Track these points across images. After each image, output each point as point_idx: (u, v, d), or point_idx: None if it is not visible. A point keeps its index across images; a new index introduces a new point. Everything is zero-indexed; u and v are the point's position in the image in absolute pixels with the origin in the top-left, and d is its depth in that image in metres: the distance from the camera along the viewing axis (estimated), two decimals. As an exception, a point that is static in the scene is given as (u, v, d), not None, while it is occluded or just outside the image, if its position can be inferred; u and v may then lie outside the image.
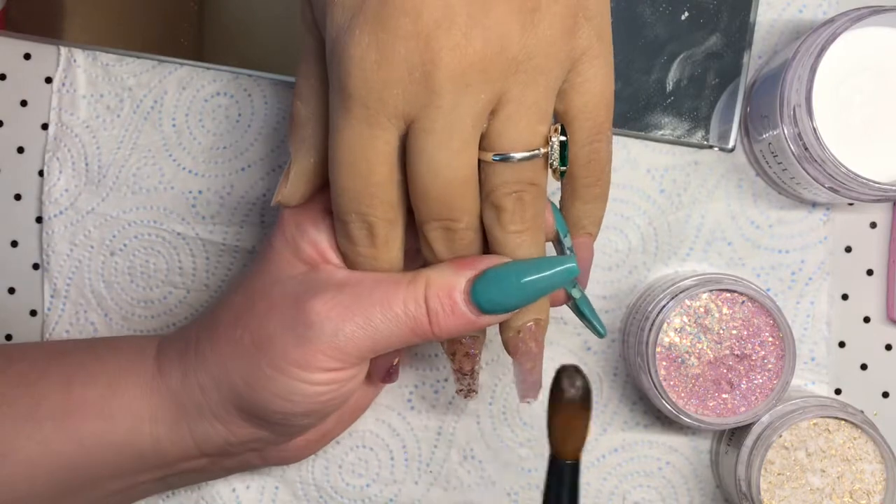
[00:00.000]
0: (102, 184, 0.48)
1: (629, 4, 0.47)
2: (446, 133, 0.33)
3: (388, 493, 0.49)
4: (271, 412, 0.38)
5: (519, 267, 0.36)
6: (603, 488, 0.49)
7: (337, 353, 0.36)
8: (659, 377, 0.44)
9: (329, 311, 0.36)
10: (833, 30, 0.42)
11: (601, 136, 0.37)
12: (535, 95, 0.34)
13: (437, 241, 0.36)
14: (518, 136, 0.34)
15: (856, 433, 0.45)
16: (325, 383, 0.37)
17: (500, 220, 0.36)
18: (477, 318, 0.36)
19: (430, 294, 0.36)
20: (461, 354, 0.39)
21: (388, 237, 0.36)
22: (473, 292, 0.36)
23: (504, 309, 0.36)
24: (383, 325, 0.36)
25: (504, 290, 0.36)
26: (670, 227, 0.48)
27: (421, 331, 0.36)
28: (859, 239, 0.49)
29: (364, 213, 0.36)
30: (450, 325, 0.36)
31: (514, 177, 0.35)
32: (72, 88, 0.48)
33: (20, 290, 0.49)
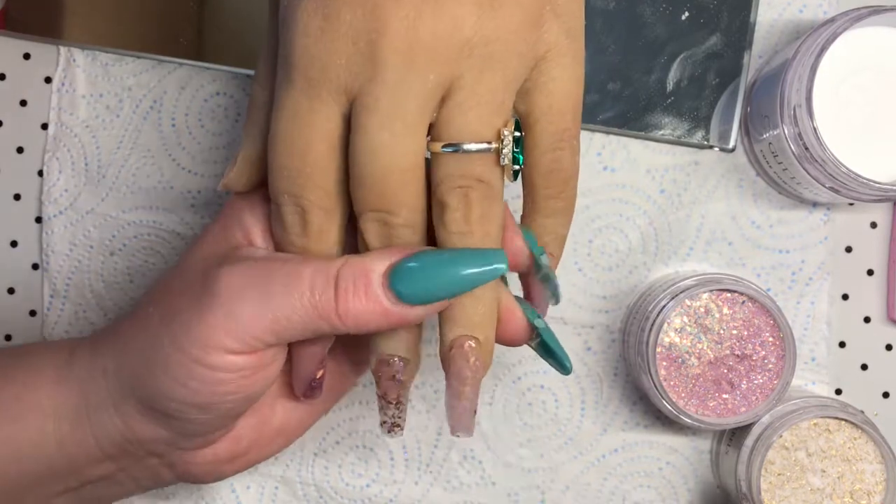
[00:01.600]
0: (102, 184, 0.48)
1: (629, 4, 0.47)
2: (388, 112, 0.31)
3: (388, 493, 0.49)
4: (167, 400, 0.34)
5: (442, 254, 0.33)
6: (603, 488, 0.49)
7: (235, 326, 0.33)
8: (659, 377, 0.44)
9: (231, 279, 0.33)
10: (833, 30, 0.42)
11: (564, 144, 0.34)
12: (490, 85, 0.32)
13: (371, 235, 0.33)
14: (469, 125, 0.32)
15: (856, 433, 0.45)
16: (225, 369, 0.33)
17: (443, 218, 0.33)
18: (392, 305, 0.33)
19: (344, 271, 0.33)
20: (386, 377, 0.35)
21: (322, 227, 0.34)
22: (392, 276, 0.32)
23: (421, 297, 0.33)
24: (285, 301, 0.33)
25: (421, 275, 0.32)
26: (670, 227, 0.48)
27: (326, 312, 0.33)
28: (860, 239, 0.49)
29: (297, 195, 0.33)
30: (359, 309, 0.33)
31: (462, 170, 0.32)
32: (71, 88, 0.48)
33: (20, 290, 0.49)
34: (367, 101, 0.31)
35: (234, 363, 0.34)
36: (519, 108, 0.34)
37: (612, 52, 0.47)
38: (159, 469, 0.38)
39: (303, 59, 0.32)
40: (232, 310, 0.33)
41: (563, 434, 0.49)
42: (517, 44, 0.32)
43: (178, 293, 0.35)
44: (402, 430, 0.36)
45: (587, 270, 0.48)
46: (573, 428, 0.49)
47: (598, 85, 0.47)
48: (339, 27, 0.31)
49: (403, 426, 0.36)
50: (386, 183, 0.32)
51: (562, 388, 0.49)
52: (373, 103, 0.31)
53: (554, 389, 0.49)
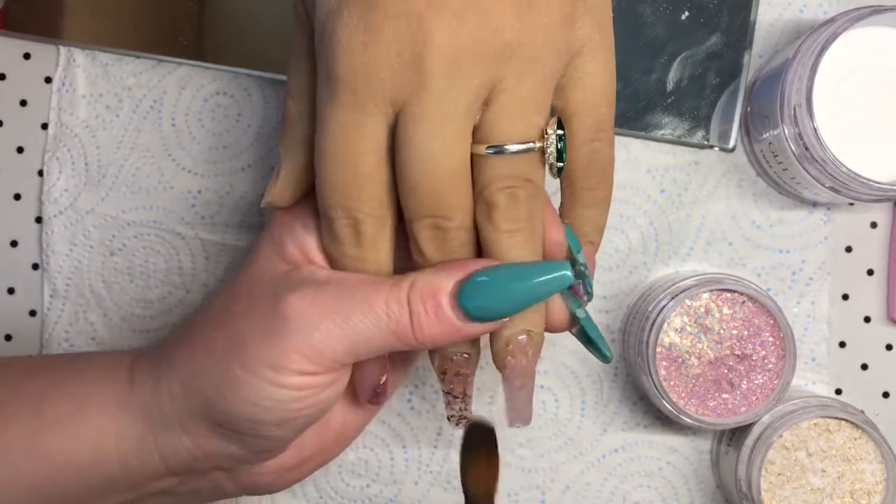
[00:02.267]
0: (102, 184, 0.48)
1: (629, 4, 0.47)
2: (437, 120, 0.32)
3: (388, 493, 0.49)
4: (240, 420, 0.35)
5: (509, 270, 0.34)
6: (603, 488, 0.49)
7: (311, 352, 0.34)
8: (659, 377, 0.44)
9: (306, 308, 0.34)
10: (833, 29, 0.42)
11: (602, 136, 0.35)
12: (531, 85, 0.33)
13: (426, 242, 0.34)
14: (512, 127, 0.33)
15: (856, 433, 0.44)
16: (299, 388, 0.34)
17: (491, 218, 0.34)
18: (463, 324, 0.34)
19: (414, 295, 0.34)
20: (451, 374, 0.36)
21: (376, 237, 0.34)
22: (460, 296, 0.33)
23: (491, 315, 0.34)
24: (363, 325, 0.34)
25: (492, 294, 0.33)
26: (671, 227, 0.48)
27: (403, 334, 0.34)
28: (860, 239, 0.49)
29: (350, 208, 0.34)
30: (433, 330, 0.34)
31: (508, 171, 0.33)
32: (71, 88, 0.48)
33: (20, 290, 0.49)
34: (415, 110, 0.32)
35: (308, 382, 0.34)
36: (555, 103, 0.35)
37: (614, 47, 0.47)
38: (223, 482, 0.38)
39: (347, 73, 0.32)
40: (308, 338, 0.33)
41: (563, 434, 0.49)
42: (554, 42, 0.33)
43: (242, 317, 0.35)
44: (468, 420, 0.37)
45: (587, 270, 0.48)
46: (573, 428, 0.49)
47: (602, 83, 0.47)
48: (382, 40, 0.31)
49: (470, 417, 0.37)
50: (439, 189, 0.33)
51: (562, 388, 0.49)
52: (420, 112, 0.32)
53: (554, 389, 0.49)
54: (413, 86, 0.32)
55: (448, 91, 0.32)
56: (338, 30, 0.32)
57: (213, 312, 0.37)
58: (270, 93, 0.48)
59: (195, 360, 0.36)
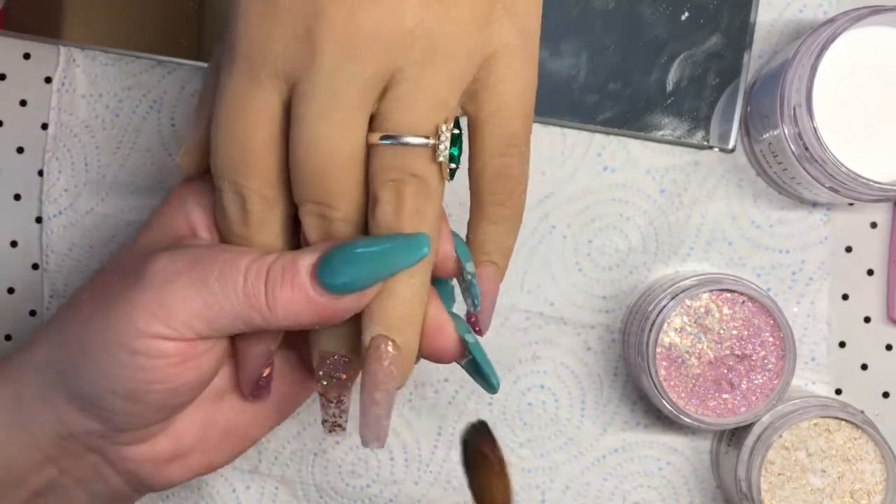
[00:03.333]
0: (102, 184, 0.48)
1: (629, 4, 0.47)
2: (327, 101, 0.31)
3: (388, 493, 0.49)
4: (92, 386, 0.33)
5: (364, 238, 0.32)
6: (603, 488, 0.49)
7: (161, 311, 0.32)
8: (659, 377, 0.44)
9: (164, 264, 0.32)
10: (833, 29, 0.42)
11: (513, 150, 0.33)
12: (432, 79, 0.31)
13: (311, 230, 0.33)
14: (407, 119, 0.31)
15: (856, 433, 0.45)
16: (148, 354, 0.32)
17: (374, 213, 0.32)
18: (317, 294, 0.32)
19: (275, 264, 0.32)
20: (326, 375, 0.34)
21: (263, 218, 0.33)
22: (319, 267, 0.32)
23: (345, 285, 0.32)
24: (218, 289, 0.32)
25: (341, 259, 0.32)
26: (671, 227, 0.48)
27: (257, 304, 0.32)
28: (860, 239, 0.49)
29: (237, 182, 0.33)
30: (286, 299, 0.32)
31: (397, 163, 0.32)
32: (71, 88, 0.48)
33: (19, 291, 0.49)
34: (306, 88, 0.31)
35: (158, 348, 0.32)
36: (467, 109, 0.33)
37: (612, 52, 0.47)
38: (102, 468, 0.36)
39: (243, 42, 0.31)
40: (161, 293, 0.32)
41: (563, 434, 0.49)
42: (463, 39, 0.31)
43: (113, 279, 0.35)
44: (343, 430, 0.35)
45: (587, 270, 0.48)
46: (573, 428, 0.49)
47: (598, 85, 0.47)
48: (278, 12, 0.31)
49: (345, 426, 0.35)
50: (324, 174, 0.32)
51: (562, 388, 0.49)
52: (311, 91, 0.31)
53: (554, 389, 0.49)
54: (304, 62, 0.31)
55: (339, 71, 0.31)
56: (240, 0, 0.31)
57: (91, 283, 0.36)
58: (270, 93, 0.48)
59: (61, 326, 0.35)
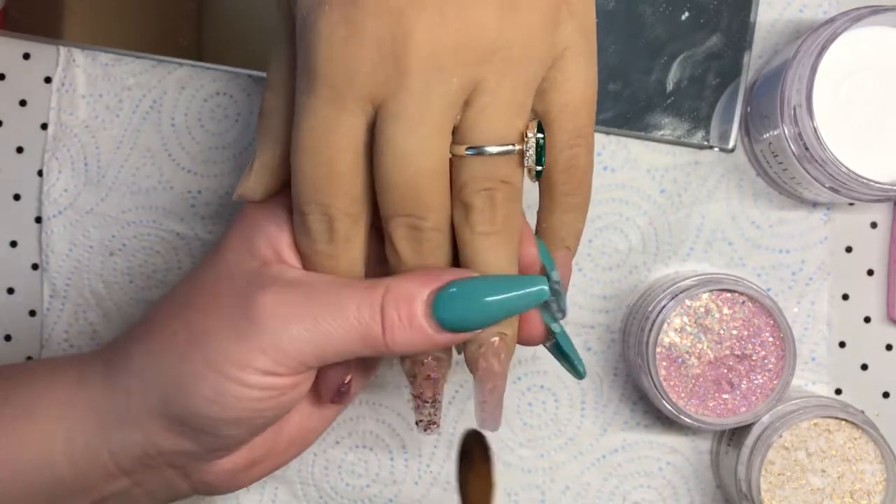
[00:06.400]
0: (102, 184, 0.48)
1: (629, 4, 0.47)
2: (416, 118, 0.31)
3: (388, 493, 0.49)
4: (199, 417, 0.34)
5: (486, 283, 0.33)
6: (603, 488, 0.49)
7: (278, 354, 0.33)
8: (659, 377, 0.44)
9: (275, 308, 0.33)
10: (833, 29, 0.42)
11: (581, 141, 0.35)
12: (511, 87, 0.32)
13: (401, 241, 0.33)
14: (492, 128, 0.32)
15: (856, 433, 0.45)
16: (262, 388, 0.33)
17: (468, 220, 0.33)
18: (435, 333, 0.33)
19: (388, 301, 0.33)
20: (422, 378, 0.35)
21: (350, 234, 0.34)
22: (435, 306, 0.33)
23: (466, 327, 0.33)
24: (332, 329, 0.33)
25: (467, 307, 0.33)
26: (671, 227, 0.48)
27: (373, 341, 0.33)
28: (860, 239, 0.49)
29: (325, 203, 0.33)
30: (405, 339, 0.33)
31: (486, 173, 0.33)
32: (71, 88, 0.48)
33: (19, 291, 0.49)
34: (394, 107, 0.32)
35: (272, 383, 0.34)
36: (536, 107, 0.34)
37: (612, 52, 0.47)
38: (175, 480, 0.37)
39: (327, 68, 0.31)
40: (277, 339, 0.33)
41: (563, 434, 0.49)
42: (537, 45, 0.33)
43: (206, 312, 0.34)
44: (438, 427, 0.36)
45: (587, 270, 0.48)
46: (573, 428, 0.49)
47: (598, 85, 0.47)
48: (363, 36, 0.31)
49: (440, 423, 0.36)
50: (415, 188, 0.32)
51: (562, 388, 0.49)
52: (399, 110, 0.31)
53: (554, 389, 0.49)
54: (392, 83, 0.31)
55: (427, 89, 0.31)
56: (318, 24, 0.31)
57: (174, 305, 0.36)
58: (270, 93, 0.48)
59: (155, 355, 0.35)
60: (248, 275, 0.35)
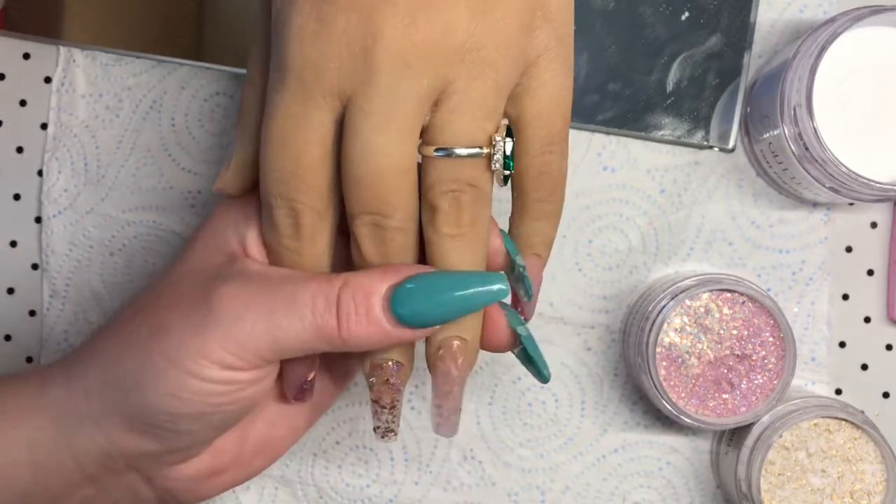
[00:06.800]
0: (102, 184, 0.48)
1: (629, 4, 0.47)
2: (383, 116, 0.32)
3: (388, 493, 0.49)
4: (158, 412, 0.34)
5: (444, 278, 0.33)
6: (603, 488, 0.49)
7: (234, 346, 0.33)
8: (659, 377, 0.44)
9: (231, 299, 0.33)
10: (833, 29, 0.42)
11: (554, 149, 0.35)
12: (482, 90, 0.32)
13: (365, 240, 0.33)
14: (461, 130, 0.32)
15: (856, 433, 0.45)
16: (220, 382, 0.33)
17: (433, 221, 0.33)
18: (392, 328, 0.33)
19: (345, 294, 0.33)
20: (380, 382, 0.35)
21: (315, 230, 0.34)
22: (393, 300, 0.33)
23: (423, 322, 0.33)
24: (287, 321, 0.33)
25: (425, 301, 0.33)
26: (671, 227, 0.48)
27: (328, 334, 0.33)
28: (860, 239, 0.49)
29: (291, 197, 0.33)
30: (361, 333, 0.33)
31: (453, 174, 0.33)
32: (71, 88, 0.48)
33: (19, 290, 0.49)
34: (362, 104, 0.32)
35: (230, 377, 0.33)
36: (509, 112, 0.34)
37: (612, 52, 0.47)
38: (139, 486, 0.37)
39: (296, 62, 0.32)
40: (232, 330, 0.33)
41: (563, 434, 0.49)
42: (509, 49, 0.32)
43: (170, 306, 0.34)
44: (395, 435, 0.36)
45: (587, 270, 0.48)
46: (573, 428, 0.49)
47: (598, 85, 0.47)
48: (333, 31, 0.31)
49: (397, 431, 0.36)
50: (380, 185, 0.32)
51: (562, 388, 0.49)
52: (367, 107, 0.32)
53: (554, 389, 0.49)
54: (361, 80, 0.31)
55: (395, 88, 0.31)
56: (291, 18, 0.32)
57: (139, 303, 0.36)
58: (270, 93, 0.48)
59: (116, 351, 0.35)
60: (213, 269, 0.35)
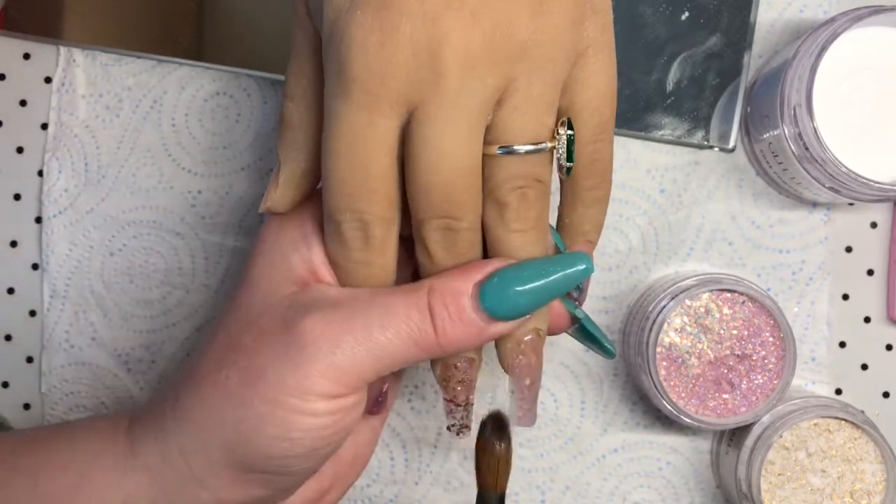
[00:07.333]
0: (102, 184, 0.48)
1: (629, 4, 0.47)
2: (452, 120, 0.31)
3: (389, 493, 0.49)
4: (270, 458, 0.33)
5: (528, 267, 0.33)
6: (603, 488, 0.49)
7: (337, 374, 0.32)
8: (659, 377, 0.44)
9: (324, 330, 0.33)
10: (833, 29, 0.42)
11: (604, 136, 0.35)
12: (542, 86, 0.32)
13: (435, 244, 0.33)
14: (524, 127, 0.32)
15: (856, 433, 0.45)
16: (327, 413, 0.33)
17: (503, 218, 0.33)
18: (487, 325, 0.33)
19: (435, 300, 0.33)
20: (455, 381, 0.35)
21: (385, 239, 0.34)
22: (482, 296, 0.33)
23: (516, 313, 0.33)
24: (384, 338, 0.33)
25: (515, 293, 0.33)
26: (671, 227, 0.48)
27: (426, 343, 0.33)
28: (860, 239, 0.49)
29: (360, 210, 0.33)
30: (458, 334, 0.33)
31: (520, 171, 0.33)
32: (71, 88, 0.48)
33: (19, 291, 0.49)
34: (430, 110, 0.31)
35: (336, 406, 0.33)
36: (561, 103, 0.34)
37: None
38: None
39: (362, 73, 0.31)
40: (333, 359, 0.32)
41: (563, 434, 0.49)
42: (565, 44, 0.33)
43: (255, 350, 0.34)
44: (469, 430, 0.36)
45: (587, 270, 0.48)
46: (573, 428, 0.49)
47: (598, 85, 0.47)
48: (398, 40, 0.31)
49: (471, 426, 0.36)
50: (451, 189, 0.32)
51: (562, 388, 0.49)
52: (436, 112, 0.31)
53: (554, 389, 0.49)
54: (428, 86, 0.31)
55: (463, 91, 0.31)
56: (351, 29, 0.31)
57: (216, 349, 0.35)
58: (270, 93, 0.48)
59: (208, 406, 0.34)
60: (289, 302, 0.34)
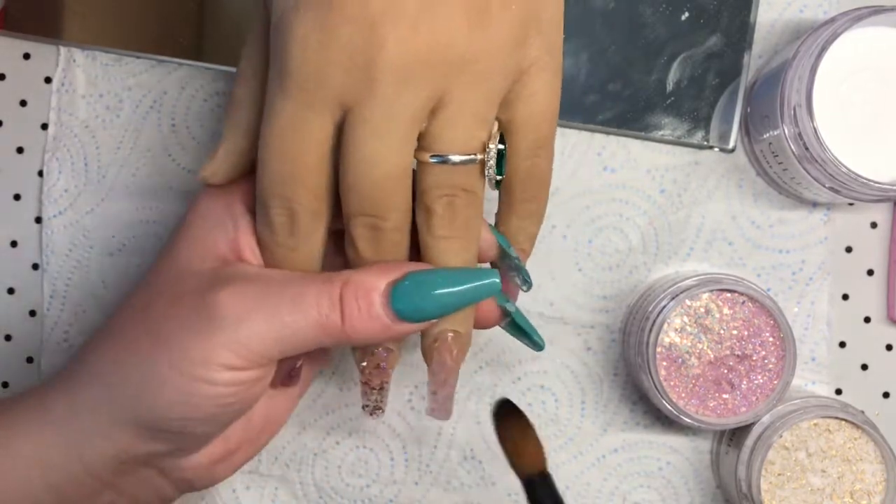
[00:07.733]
0: (102, 184, 0.48)
1: (629, 4, 0.47)
2: (383, 125, 0.33)
3: (388, 493, 0.49)
4: (169, 419, 0.35)
5: (441, 275, 0.35)
6: (603, 488, 0.49)
7: (240, 349, 0.34)
8: (659, 377, 0.44)
9: (234, 303, 0.34)
10: (833, 29, 0.42)
11: (541, 152, 0.36)
12: (476, 99, 0.34)
13: (361, 239, 0.35)
14: (456, 138, 0.34)
15: (856, 433, 0.45)
16: (228, 384, 0.34)
17: (429, 224, 0.35)
18: (393, 323, 0.35)
19: (347, 292, 0.34)
20: (371, 366, 0.37)
21: (310, 229, 0.35)
22: (392, 296, 0.34)
23: (421, 317, 0.35)
24: (292, 321, 0.34)
25: (423, 297, 0.34)
26: (671, 227, 0.48)
27: (333, 331, 0.34)
28: (860, 239, 0.49)
29: (288, 198, 0.34)
30: (364, 328, 0.34)
31: (448, 180, 0.34)
32: (71, 88, 0.48)
33: (19, 291, 0.49)
34: (363, 113, 0.33)
35: (237, 378, 0.34)
36: (500, 117, 0.35)
37: (612, 52, 0.47)
38: (156, 480, 0.38)
39: (300, 70, 0.32)
40: (237, 333, 0.34)
41: (563, 434, 0.49)
42: (504, 60, 0.34)
43: (167, 316, 0.35)
44: (382, 411, 0.38)
45: (587, 270, 0.48)
46: (573, 428, 0.49)
47: (598, 85, 0.47)
48: (337, 41, 0.32)
49: (385, 408, 0.38)
50: (378, 190, 0.34)
51: (562, 388, 0.49)
52: (368, 115, 0.33)
53: (554, 389, 0.49)
54: (363, 90, 0.32)
55: (396, 98, 0.32)
56: (294, 26, 0.32)
57: (133, 311, 0.37)
58: (270, 93, 0.48)
59: (117, 364, 0.36)
60: (207, 274, 0.36)
